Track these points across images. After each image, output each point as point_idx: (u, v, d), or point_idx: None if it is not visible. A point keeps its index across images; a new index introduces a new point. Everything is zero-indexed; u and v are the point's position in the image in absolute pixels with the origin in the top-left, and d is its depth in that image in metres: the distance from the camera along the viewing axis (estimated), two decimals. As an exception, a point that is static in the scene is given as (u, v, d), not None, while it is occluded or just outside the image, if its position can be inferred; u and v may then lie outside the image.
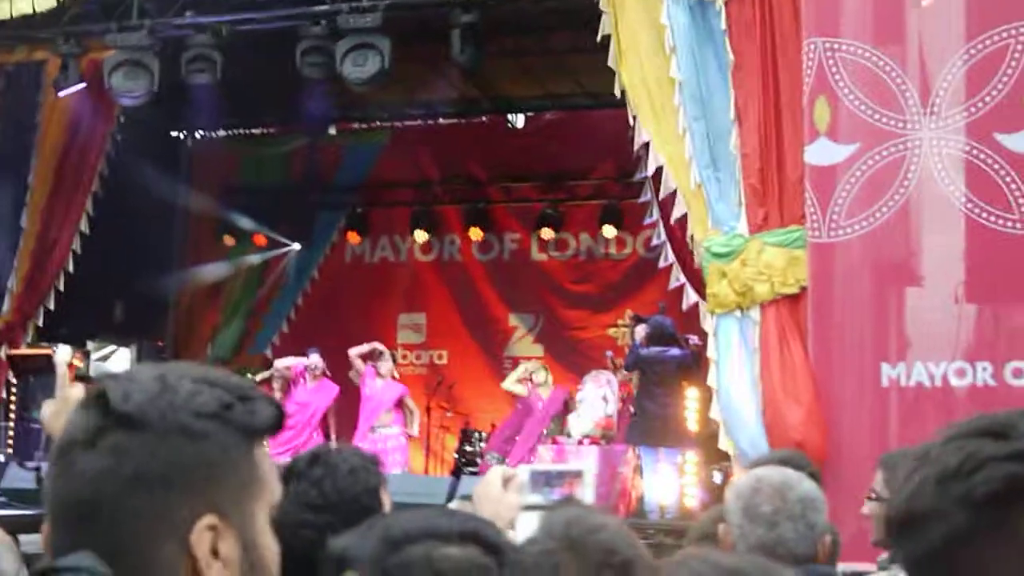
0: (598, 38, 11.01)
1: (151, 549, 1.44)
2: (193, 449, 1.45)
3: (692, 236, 10.56)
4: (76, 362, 14.02)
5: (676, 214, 10.73)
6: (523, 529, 2.51)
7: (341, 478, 2.89)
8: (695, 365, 12.64)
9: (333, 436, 14.25)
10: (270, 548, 1.55)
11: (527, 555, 2.21)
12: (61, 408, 2.54)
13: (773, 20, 10.13)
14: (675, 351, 12.83)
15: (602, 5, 10.95)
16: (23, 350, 14.63)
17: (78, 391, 2.54)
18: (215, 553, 1.46)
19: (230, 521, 1.48)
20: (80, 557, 1.43)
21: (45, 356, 13.90)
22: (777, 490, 3.40)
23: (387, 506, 3.03)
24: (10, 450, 14.31)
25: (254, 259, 19.06)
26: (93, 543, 1.43)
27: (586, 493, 2.55)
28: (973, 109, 9.36)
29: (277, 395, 13.95)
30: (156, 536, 1.44)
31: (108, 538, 1.43)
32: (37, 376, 14.35)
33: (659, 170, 10.72)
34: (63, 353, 13.73)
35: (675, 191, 10.57)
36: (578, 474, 2.59)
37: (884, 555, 4.37)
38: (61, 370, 2.62)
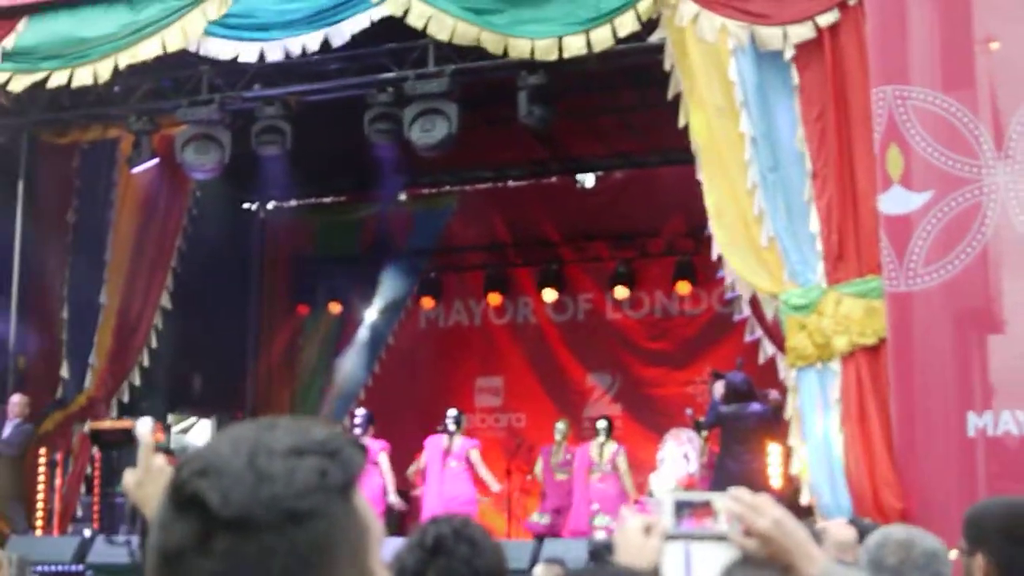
0: (668, 96, 11.00)
1: None
2: (307, 534, 1.40)
3: (755, 295, 10.48)
4: (158, 434, 14.09)
5: (728, 278, 10.68)
6: (670, 561, 2.50)
7: (488, 556, 2.89)
8: (776, 420, 12.49)
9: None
10: None
11: None
12: (144, 478, 2.57)
13: (843, 70, 10.07)
14: (755, 406, 12.69)
15: (670, 66, 10.96)
16: (105, 423, 14.76)
17: (160, 461, 2.57)
18: None
19: None
20: None
21: (125, 430, 13.99)
22: (902, 544, 3.74)
23: None
24: (96, 525, 14.40)
25: (328, 325, 19.19)
26: None
27: (720, 523, 2.51)
28: (1048, 151, 9.23)
29: None
30: None
31: None
32: (120, 450, 14.46)
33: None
34: (144, 424, 13.79)
35: (720, 255, 10.60)
36: (707, 504, 2.55)
37: None
38: (145, 440, 2.63)
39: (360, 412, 15.13)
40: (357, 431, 14.74)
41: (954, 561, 4.40)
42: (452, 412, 14.68)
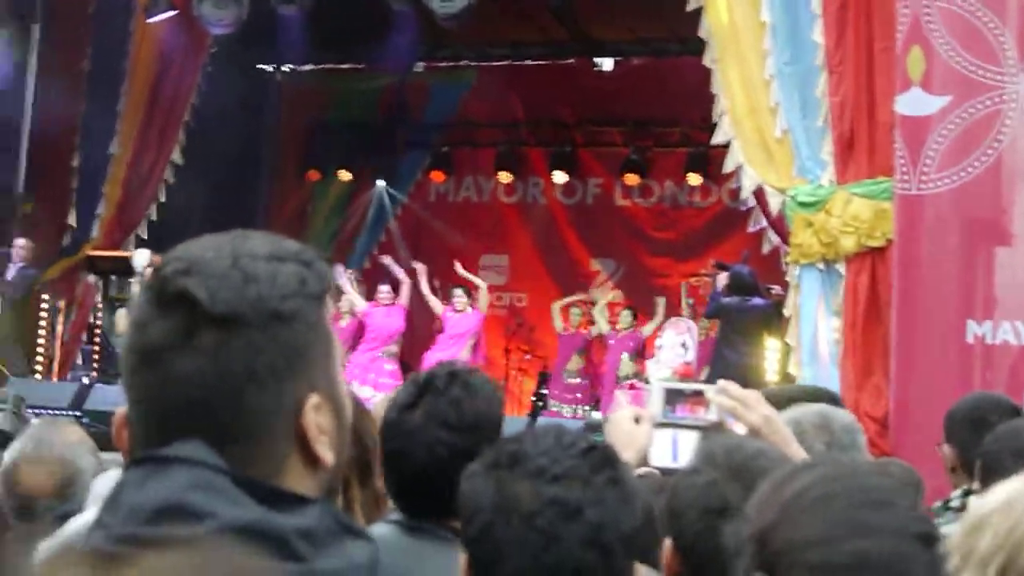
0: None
1: (264, 441, 1.43)
2: (289, 333, 1.43)
3: (761, 186, 10.42)
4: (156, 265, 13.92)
5: (729, 165, 10.60)
6: (657, 446, 2.60)
7: (480, 401, 2.82)
8: (777, 316, 12.51)
9: None
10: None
11: (692, 486, 2.28)
12: None
13: (867, -37, 9.92)
14: (758, 300, 12.69)
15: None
16: (102, 252, 14.65)
17: None
18: (320, 429, 1.46)
19: (324, 393, 1.47)
20: (192, 447, 1.39)
21: (123, 258, 13.77)
22: (819, 426, 3.21)
23: None
24: (94, 373, 14.46)
25: (338, 193, 19.18)
26: (204, 440, 1.40)
27: (711, 413, 2.59)
28: (1073, 63, 9.13)
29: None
30: (270, 428, 1.43)
31: (220, 435, 1.40)
32: (118, 277, 14.27)
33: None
34: (141, 255, 13.41)
35: (730, 141, 10.50)
36: (700, 394, 2.63)
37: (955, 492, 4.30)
38: (141, 271, 2.62)
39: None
40: None
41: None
42: (458, 291, 14.70)
